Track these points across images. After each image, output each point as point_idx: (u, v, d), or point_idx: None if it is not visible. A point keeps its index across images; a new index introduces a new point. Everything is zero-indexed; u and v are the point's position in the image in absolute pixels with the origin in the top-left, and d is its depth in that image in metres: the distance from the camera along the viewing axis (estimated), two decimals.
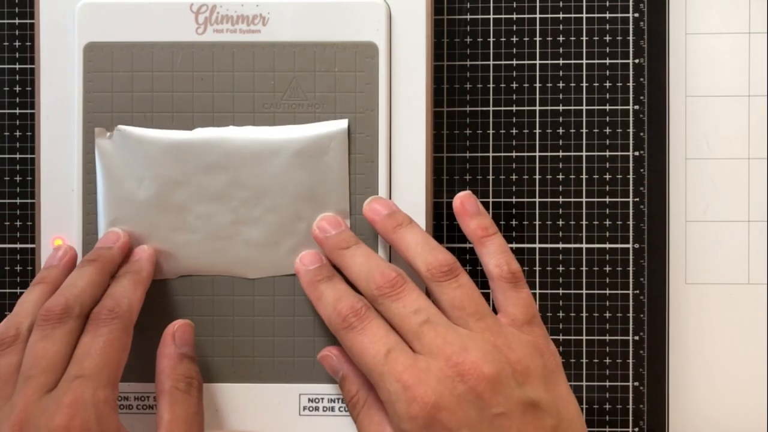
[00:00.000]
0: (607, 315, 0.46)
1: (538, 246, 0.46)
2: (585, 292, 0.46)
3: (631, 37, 0.46)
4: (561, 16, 0.46)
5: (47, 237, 0.42)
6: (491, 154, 0.46)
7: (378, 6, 0.42)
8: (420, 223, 0.41)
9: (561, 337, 0.46)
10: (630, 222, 0.46)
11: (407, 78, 0.42)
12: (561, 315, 0.46)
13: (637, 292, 0.46)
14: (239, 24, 0.42)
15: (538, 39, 0.46)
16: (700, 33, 0.46)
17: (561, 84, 0.46)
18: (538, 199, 0.46)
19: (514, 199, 0.46)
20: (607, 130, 0.46)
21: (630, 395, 0.46)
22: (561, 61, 0.46)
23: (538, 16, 0.46)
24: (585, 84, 0.46)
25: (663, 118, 0.46)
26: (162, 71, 0.42)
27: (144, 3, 0.42)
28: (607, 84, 0.46)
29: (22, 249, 0.46)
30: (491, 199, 0.46)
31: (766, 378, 0.46)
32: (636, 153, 0.46)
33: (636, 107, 0.46)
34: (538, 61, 0.46)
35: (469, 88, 0.46)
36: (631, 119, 0.46)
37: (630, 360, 0.46)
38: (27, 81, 0.46)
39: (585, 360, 0.46)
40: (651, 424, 0.46)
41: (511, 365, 0.36)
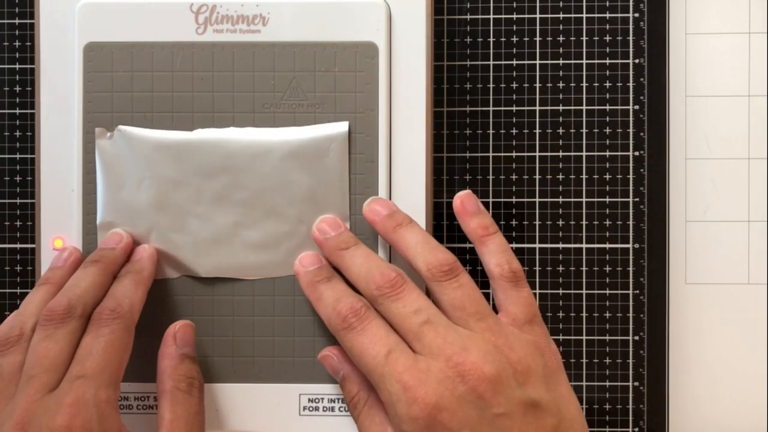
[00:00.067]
0: (607, 315, 0.46)
1: (538, 246, 0.46)
2: (585, 292, 0.46)
3: (631, 37, 0.46)
4: (561, 16, 0.46)
5: (47, 237, 0.42)
6: (491, 154, 0.46)
7: (378, 6, 0.42)
8: (420, 223, 0.41)
9: (561, 337, 0.46)
10: (630, 222, 0.46)
11: (407, 78, 0.42)
12: (561, 315, 0.46)
13: (637, 292, 0.46)
14: (239, 24, 0.42)
15: (538, 39, 0.46)
16: (700, 33, 0.46)
17: (561, 84, 0.46)
18: (538, 199, 0.46)
19: (514, 199, 0.46)
20: (607, 130, 0.46)
21: (630, 395, 0.46)
22: (561, 61, 0.46)
23: (538, 16, 0.46)
24: (585, 84, 0.46)
25: (663, 118, 0.46)
26: (162, 71, 0.42)
27: (144, 3, 0.42)
28: (607, 84, 0.46)
29: (22, 249, 0.46)
30: (491, 199, 0.46)
31: (766, 378, 0.46)
32: (636, 153, 0.46)
33: (636, 107, 0.46)
34: (538, 61, 0.46)
35: (469, 88, 0.46)
36: (631, 119, 0.46)
37: (630, 360, 0.46)
38: (27, 81, 0.45)
39: (585, 360, 0.46)
40: (651, 424, 0.46)
41: (512, 365, 0.36)
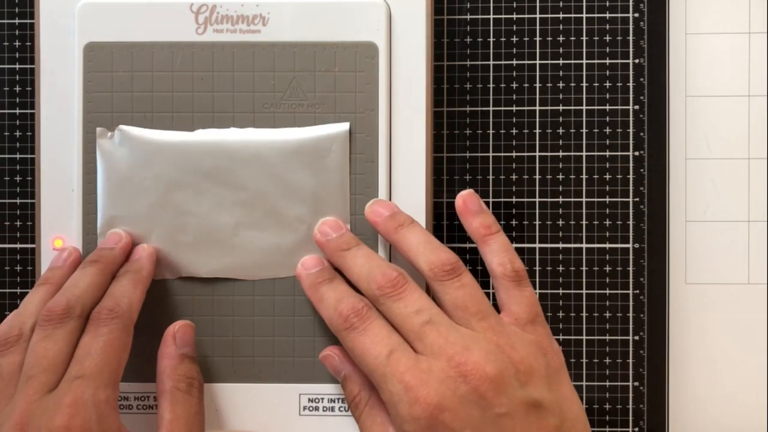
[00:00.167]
0: (607, 315, 0.46)
1: (538, 246, 0.46)
2: (585, 292, 0.46)
3: (631, 37, 0.46)
4: (561, 16, 0.46)
5: (47, 237, 0.42)
6: (491, 154, 0.46)
7: (378, 6, 0.42)
8: (420, 223, 0.41)
9: (561, 337, 0.46)
10: (630, 222, 0.46)
11: (407, 78, 0.42)
12: (561, 315, 0.46)
13: (637, 292, 0.46)
14: (239, 24, 0.42)
15: (538, 39, 0.46)
16: (700, 33, 0.46)
17: (561, 84, 0.46)
18: (538, 199, 0.46)
19: (514, 199, 0.46)
20: (607, 130, 0.46)
21: (630, 395, 0.46)
22: (561, 61, 0.46)
23: (538, 16, 0.46)
24: (585, 84, 0.46)
25: (663, 118, 0.46)
26: (162, 71, 0.42)
27: (144, 3, 0.42)
28: (607, 84, 0.46)
29: (22, 249, 0.46)
30: (491, 199, 0.46)
31: (766, 378, 0.46)
32: (636, 153, 0.46)
33: (636, 107, 0.46)
34: (538, 61, 0.46)
35: (469, 88, 0.46)
36: (631, 119, 0.46)
37: (630, 360, 0.46)
38: (27, 81, 0.45)
39: (585, 360, 0.46)
40: (651, 424, 0.46)
41: (514, 365, 0.36)
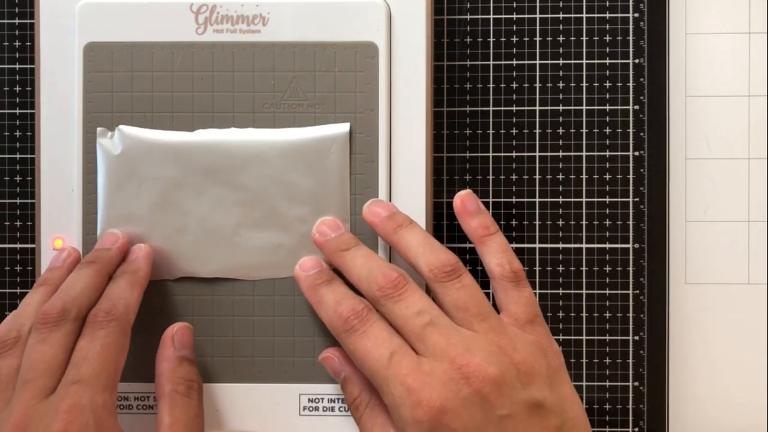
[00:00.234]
0: (607, 315, 0.46)
1: (538, 246, 0.46)
2: (585, 292, 0.46)
3: (631, 37, 0.46)
4: (561, 16, 0.46)
5: (47, 237, 0.42)
6: (491, 154, 0.46)
7: (378, 6, 0.42)
8: (420, 224, 0.41)
9: (561, 338, 0.46)
10: (630, 222, 0.46)
11: (407, 78, 0.42)
12: (561, 315, 0.46)
13: (637, 292, 0.46)
14: (239, 24, 0.42)
15: (538, 39, 0.46)
16: (700, 33, 0.46)
17: (561, 84, 0.46)
18: (538, 199, 0.46)
19: (514, 199, 0.46)
20: (607, 130, 0.46)
21: (630, 395, 0.46)
22: (561, 61, 0.46)
23: (538, 16, 0.46)
24: (585, 84, 0.46)
25: (663, 118, 0.46)
26: (162, 71, 0.42)
27: (144, 3, 0.42)
28: (607, 84, 0.46)
29: (22, 249, 0.46)
30: (491, 199, 0.46)
31: (766, 378, 0.46)
32: (636, 153, 0.46)
33: (636, 107, 0.46)
34: (538, 61, 0.46)
35: (469, 88, 0.46)
36: (631, 119, 0.46)
37: (630, 360, 0.46)
38: (27, 81, 0.45)
39: (585, 360, 0.46)
40: (651, 424, 0.46)
41: (516, 366, 0.36)
